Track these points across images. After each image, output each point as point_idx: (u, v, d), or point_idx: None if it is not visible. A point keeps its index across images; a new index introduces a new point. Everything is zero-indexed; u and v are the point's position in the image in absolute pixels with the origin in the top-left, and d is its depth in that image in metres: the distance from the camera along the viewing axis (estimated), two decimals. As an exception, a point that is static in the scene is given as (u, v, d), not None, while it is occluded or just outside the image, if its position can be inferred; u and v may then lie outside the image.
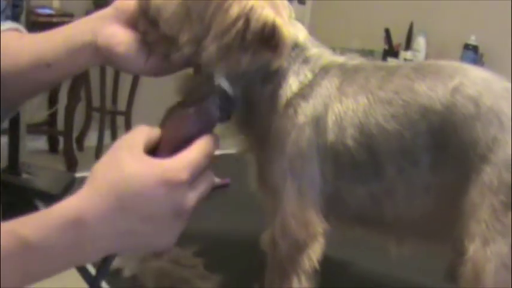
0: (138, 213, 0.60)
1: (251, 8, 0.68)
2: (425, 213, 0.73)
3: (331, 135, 0.73)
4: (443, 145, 0.70)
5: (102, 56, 0.76)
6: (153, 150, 0.65)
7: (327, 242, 0.76)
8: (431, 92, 0.71)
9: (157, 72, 0.78)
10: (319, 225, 0.75)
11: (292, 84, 0.75)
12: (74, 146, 3.73)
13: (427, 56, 3.53)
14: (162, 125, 0.68)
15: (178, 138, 0.66)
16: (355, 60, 0.78)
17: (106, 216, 0.59)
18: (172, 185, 0.61)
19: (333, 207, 0.76)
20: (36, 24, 2.98)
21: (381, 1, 3.79)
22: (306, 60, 0.76)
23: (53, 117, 3.72)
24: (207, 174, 0.66)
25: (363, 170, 0.74)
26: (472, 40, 3.29)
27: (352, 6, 3.96)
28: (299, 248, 0.76)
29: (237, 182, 1.16)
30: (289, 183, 0.75)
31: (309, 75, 0.75)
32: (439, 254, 0.80)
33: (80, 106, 3.72)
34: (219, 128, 0.71)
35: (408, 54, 3.55)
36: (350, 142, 0.73)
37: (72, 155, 3.61)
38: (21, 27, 0.85)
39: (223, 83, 0.71)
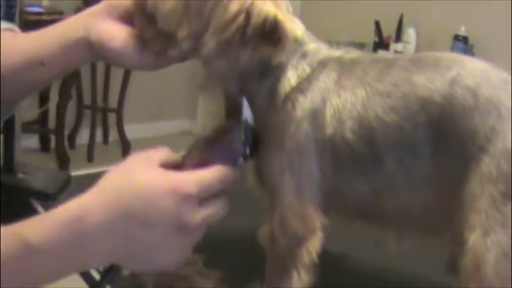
0: (140, 218, 0.60)
1: (252, 3, 0.68)
2: (425, 206, 0.73)
3: (329, 129, 0.73)
4: (442, 136, 0.70)
5: (95, 51, 0.76)
6: None
7: (326, 236, 0.76)
8: (430, 83, 0.71)
9: (152, 67, 0.77)
10: (317, 219, 0.75)
11: (290, 78, 0.75)
12: (66, 144, 3.72)
13: (417, 48, 3.53)
14: (186, 154, 0.69)
15: (199, 168, 0.65)
16: (353, 53, 0.78)
17: (108, 216, 0.59)
18: (180, 197, 0.61)
19: (333, 202, 0.76)
20: (26, 23, 2.96)
21: (370, -7, 3.79)
22: (304, 55, 0.76)
23: (44, 115, 3.70)
24: (219, 200, 0.66)
25: (363, 163, 0.74)
26: (462, 31, 3.29)
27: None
28: (298, 242, 0.76)
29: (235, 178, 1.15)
30: (287, 178, 0.75)
31: (307, 70, 0.75)
32: (439, 246, 0.80)
33: (71, 104, 3.71)
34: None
35: (398, 46, 3.55)
36: (349, 135, 0.73)
37: (64, 153, 3.60)
38: (15, 27, 0.84)
39: (250, 118, 0.71)
